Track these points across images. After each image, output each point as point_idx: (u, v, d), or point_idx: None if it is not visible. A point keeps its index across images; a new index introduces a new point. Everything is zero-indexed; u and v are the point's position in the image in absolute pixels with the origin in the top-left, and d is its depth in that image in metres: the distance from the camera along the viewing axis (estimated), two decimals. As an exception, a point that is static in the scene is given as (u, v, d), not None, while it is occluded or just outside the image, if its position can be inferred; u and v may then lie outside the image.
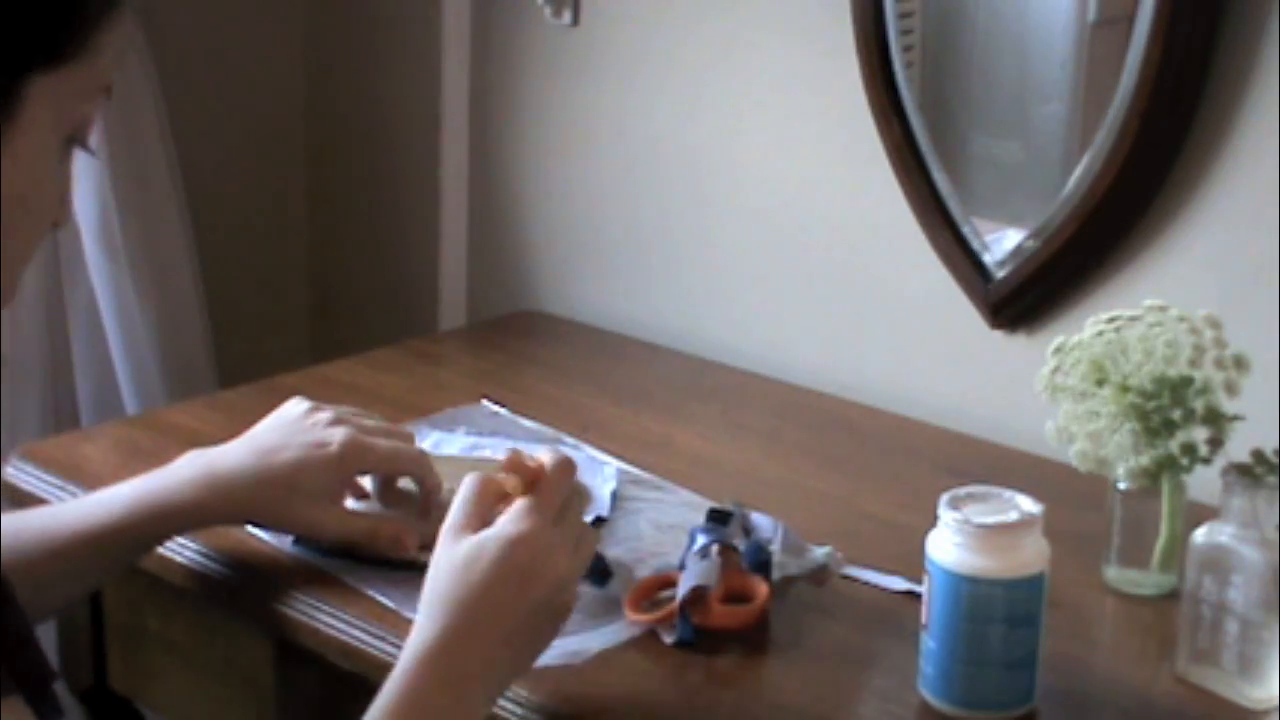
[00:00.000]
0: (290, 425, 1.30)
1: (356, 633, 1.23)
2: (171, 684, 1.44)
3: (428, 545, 1.13)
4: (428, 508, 1.32)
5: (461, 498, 1.11)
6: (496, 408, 1.64)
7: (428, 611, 1.07)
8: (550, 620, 1.10)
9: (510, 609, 1.07)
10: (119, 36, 0.96)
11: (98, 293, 1.91)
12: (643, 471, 1.49)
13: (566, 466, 1.14)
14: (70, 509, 1.28)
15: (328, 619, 1.26)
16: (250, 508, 1.28)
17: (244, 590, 1.31)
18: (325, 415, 1.30)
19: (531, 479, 1.11)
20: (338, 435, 1.28)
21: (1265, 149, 1.44)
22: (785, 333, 1.81)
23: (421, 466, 1.33)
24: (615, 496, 1.43)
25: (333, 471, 1.27)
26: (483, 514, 1.10)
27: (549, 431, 1.58)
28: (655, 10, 1.85)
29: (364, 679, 1.20)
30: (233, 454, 1.28)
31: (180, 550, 1.35)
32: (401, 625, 1.22)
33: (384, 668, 1.19)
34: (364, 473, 1.32)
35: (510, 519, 1.09)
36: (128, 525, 1.25)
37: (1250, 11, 1.43)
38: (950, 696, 1.13)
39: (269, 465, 1.27)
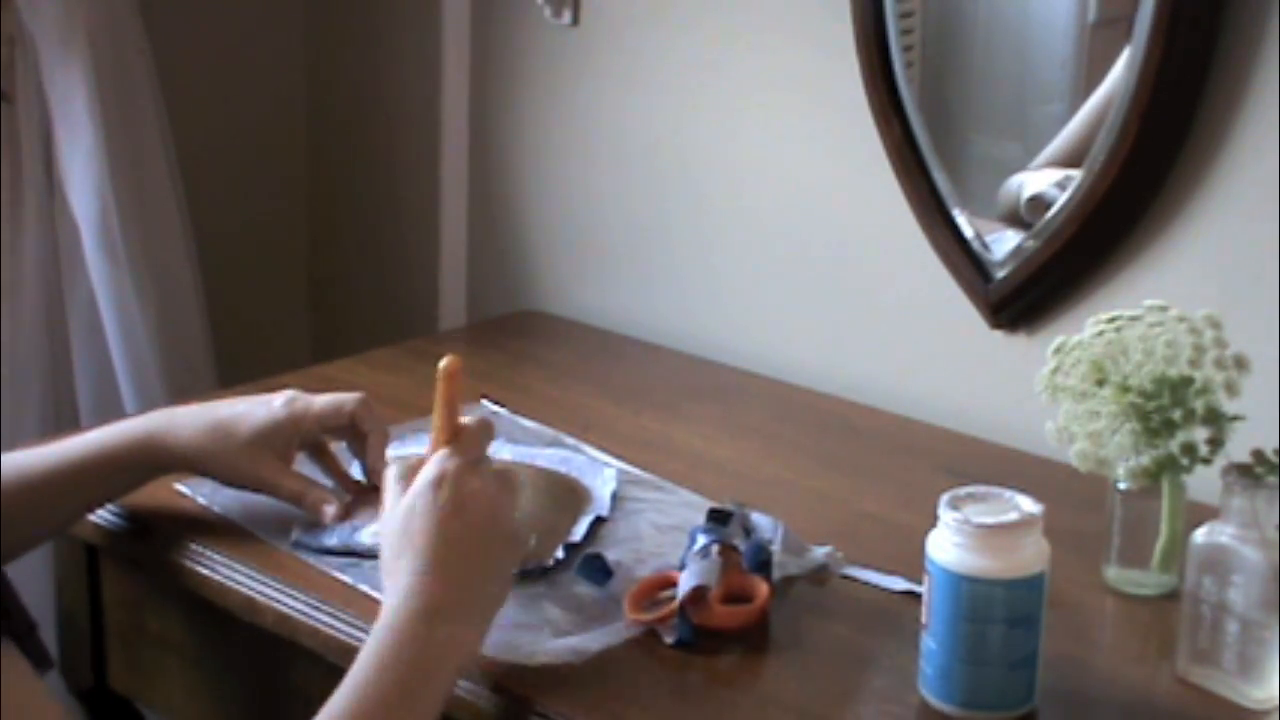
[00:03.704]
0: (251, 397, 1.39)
1: (357, 633, 1.23)
2: (171, 684, 1.44)
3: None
4: (364, 452, 1.38)
5: (387, 482, 1.18)
6: (496, 407, 1.64)
7: (388, 582, 1.13)
8: (501, 541, 1.16)
9: (455, 541, 1.12)
10: None
11: (98, 293, 1.91)
12: (643, 472, 1.49)
13: (483, 426, 1.19)
14: (41, 450, 1.35)
15: (328, 619, 1.26)
16: (196, 450, 1.33)
17: (244, 590, 1.31)
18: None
19: (450, 431, 1.17)
20: (283, 393, 1.36)
21: (1265, 149, 1.44)
22: (785, 333, 1.81)
23: (363, 406, 1.37)
24: (615, 497, 1.43)
25: (276, 423, 1.33)
26: (410, 484, 1.17)
27: (549, 432, 1.58)
28: (655, 10, 1.85)
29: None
30: (191, 406, 1.38)
31: (180, 550, 1.35)
32: (401, 625, 1.23)
33: (384, 668, 1.19)
34: (309, 427, 1.36)
35: (425, 469, 1.16)
36: (92, 460, 1.33)
37: (1250, 11, 1.44)
38: (950, 696, 1.13)
39: (217, 413, 1.35)
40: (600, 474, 1.47)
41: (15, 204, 1.87)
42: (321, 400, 1.36)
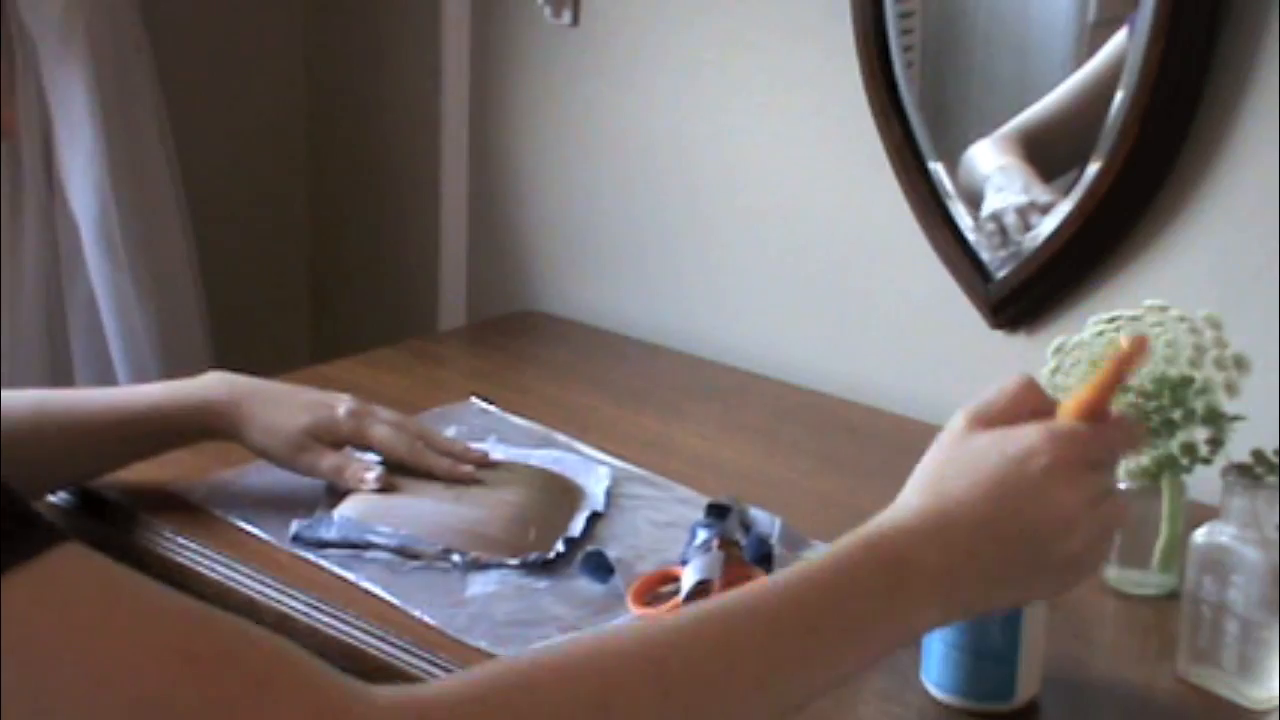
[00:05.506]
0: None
1: (356, 633, 1.23)
2: (171, 683, 1.43)
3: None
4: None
5: (1002, 388, 1.01)
6: (486, 405, 1.64)
7: (911, 486, 0.98)
8: (1039, 560, 0.95)
9: (990, 521, 0.94)
10: None
11: (98, 293, 1.91)
12: (636, 468, 1.49)
13: (1133, 428, 1.03)
14: (88, 393, 1.39)
15: (328, 619, 1.25)
16: (250, 417, 1.36)
17: (242, 590, 1.31)
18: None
19: (1089, 409, 0.99)
20: (346, 399, 1.40)
21: (1265, 149, 1.44)
22: (785, 333, 1.81)
23: (401, 448, 1.39)
24: (610, 494, 1.43)
25: (331, 419, 1.37)
26: (1011, 416, 0.99)
27: (539, 429, 1.58)
28: (655, 10, 1.85)
29: (364, 679, 1.20)
30: (253, 381, 1.39)
31: (180, 550, 1.35)
32: (403, 624, 1.23)
33: (384, 668, 1.19)
34: (357, 443, 1.39)
35: (1042, 431, 0.97)
36: (144, 416, 1.34)
37: (1250, 11, 1.44)
38: (951, 687, 1.13)
39: (279, 389, 1.39)
40: (593, 472, 1.47)
41: (15, 204, 1.87)
42: (382, 431, 1.38)
